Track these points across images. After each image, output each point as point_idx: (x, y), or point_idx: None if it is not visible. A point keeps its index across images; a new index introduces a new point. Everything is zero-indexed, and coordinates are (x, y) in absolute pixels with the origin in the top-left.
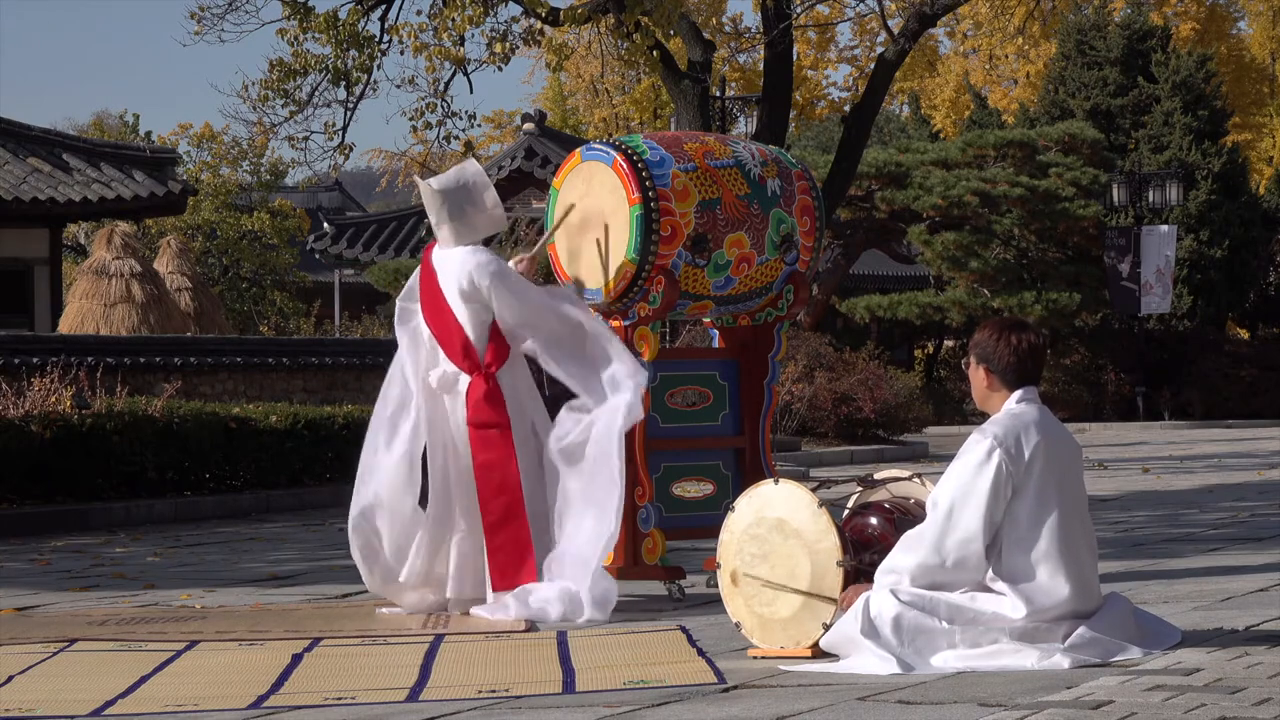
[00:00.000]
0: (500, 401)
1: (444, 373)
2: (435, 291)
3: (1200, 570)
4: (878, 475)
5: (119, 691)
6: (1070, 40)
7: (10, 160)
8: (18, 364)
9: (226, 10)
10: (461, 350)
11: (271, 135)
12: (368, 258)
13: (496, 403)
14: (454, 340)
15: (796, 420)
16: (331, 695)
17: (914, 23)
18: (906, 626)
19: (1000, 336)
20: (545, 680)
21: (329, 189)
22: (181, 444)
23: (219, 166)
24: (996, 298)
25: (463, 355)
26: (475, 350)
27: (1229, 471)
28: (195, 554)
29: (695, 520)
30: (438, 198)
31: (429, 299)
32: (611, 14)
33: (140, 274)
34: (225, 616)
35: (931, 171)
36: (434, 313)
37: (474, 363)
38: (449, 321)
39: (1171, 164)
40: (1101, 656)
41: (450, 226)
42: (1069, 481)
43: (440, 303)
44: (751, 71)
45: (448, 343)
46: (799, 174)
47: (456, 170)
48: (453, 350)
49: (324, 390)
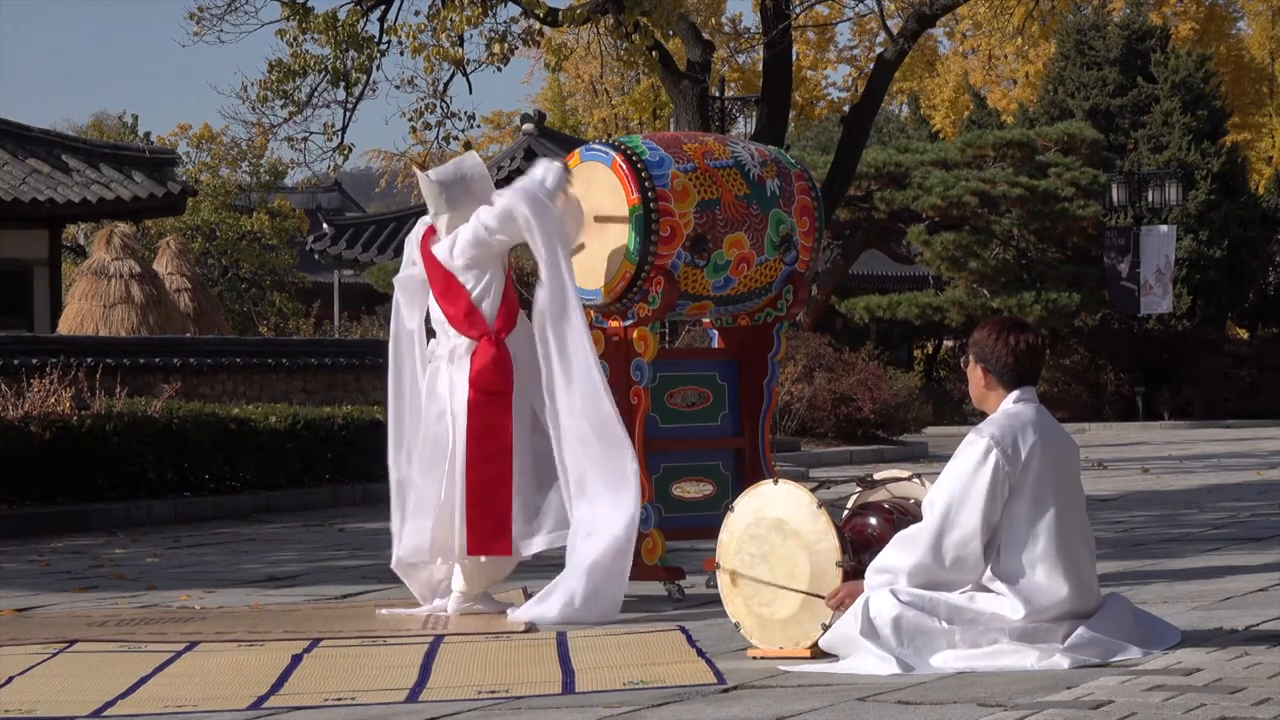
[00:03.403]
0: (508, 368)
1: (453, 345)
2: (442, 273)
3: (1200, 570)
4: (877, 475)
5: (119, 692)
6: (1069, 40)
7: (10, 161)
8: (17, 365)
9: (226, 11)
10: (465, 315)
11: (271, 136)
12: (367, 258)
13: (504, 368)
14: (459, 306)
15: (796, 420)
16: (331, 696)
17: (913, 23)
18: (906, 627)
19: (999, 337)
20: (545, 681)
21: (328, 190)
22: (181, 445)
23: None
24: (996, 298)
25: (467, 321)
26: (481, 315)
27: (1228, 471)
28: (195, 555)
29: (695, 521)
30: (436, 189)
31: (436, 280)
32: (610, 14)
33: (140, 275)
34: (225, 617)
35: (931, 172)
36: (444, 290)
37: (481, 329)
38: (456, 289)
39: (1171, 164)
40: (1101, 656)
41: (449, 217)
42: (1066, 482)
43: (451, 280)
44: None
45: (453, 310)
46: (798, 174)
47: (455, 163)
48: (458, 318)
49: (323, 391)
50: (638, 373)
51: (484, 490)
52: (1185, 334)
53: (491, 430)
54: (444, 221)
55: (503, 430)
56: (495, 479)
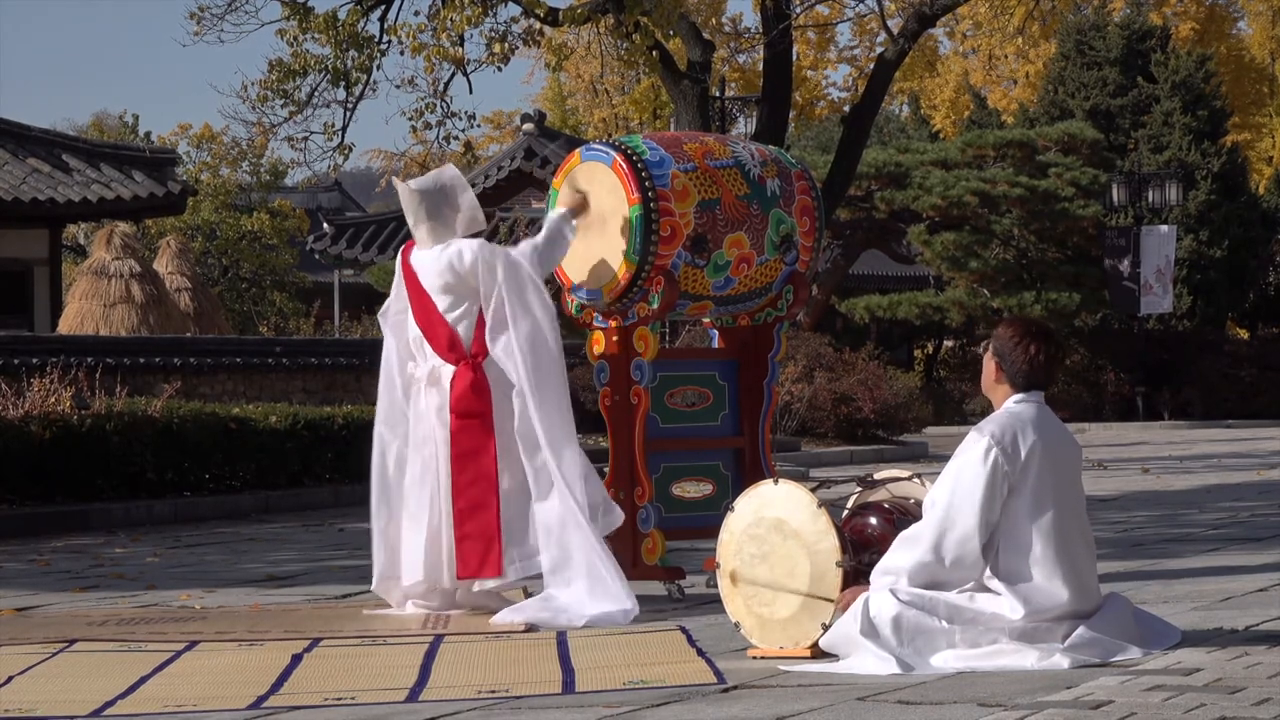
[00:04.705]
0: (485, 391)
1: (431, 367)
2: (419, 290)
3: (1200, 570)
4: (877, 475)
5: (119, 692)
6: (1070, 40)
7: (10, 161)
8: (17, 364)
9: (226, 11)
10: (447, 343)
11: (271, 136)
12: (367, 258)
13: (481, 392)
14: (440, 334)
15: (796, 420)
16: (331, 696)
17: (914, 23)
18: (906, 626)
19: (1020, 341)
20: (545, 680)
21: (328, 189)
22: (181, 444)
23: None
24: (996, 298)
25: (448, 348)
26: (461, 342)
27: (1228, 471)
28: (195, 554)
29: (695, 520)
30: (415, 197)
31: (415, 297)
32: (611, 14)
33: (140, 274)
34: (225, 617)
35: (931, 171)
36: (421, 309)
37: (460, 354)
38: (434, 317)
39: (1171, 164)
40: (1101, 656)
41: (428, 226)
42: (1067, 481)
43: (425, 300)
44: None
45: (434, 337)
46: (798, 174)
47: (435, 173)
48: (439, 344)
49: (323, 390)
50: (638, 373)
51: (470, 515)
52: (1185, 334)
53: (474, 453)
54: (424, 231)
55: (484, 452)
56: (479, 502)
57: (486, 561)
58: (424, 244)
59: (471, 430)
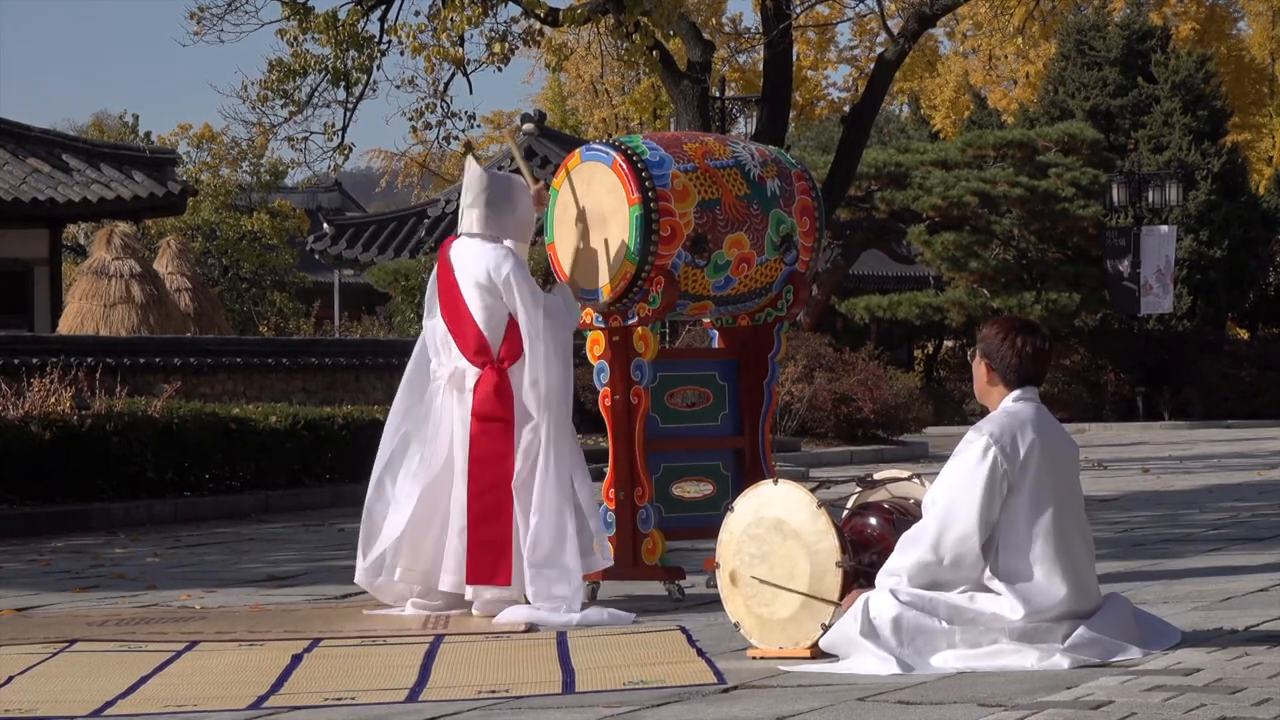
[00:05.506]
0: (509, 396)
1: (455, 368)
2: (451, 284)
3: (1200, 570)
4: (877, 475)
5: (119, 692)
6: (1070, 40)
7: (10, 161)
8: (17, 364)
9: (226, 11)
10: (475, 345)
11: (271, 136)
12: (367, 258)
13: (505, 397)
14: (468, 335)
15: (796, 420)
16: (331, 696)
17: (914, 23)
18: (906, 627)
19: (1006, 337)
20: (545, 680)
21: (329, 189)
22: (181, 444)
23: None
24: (996, 298)
25: (475, 350)
26: (489, 345)
27: (1229, 471)
28: (195, 554)
29: (695, 520)
30: (484, 179)
31: (445, 292)
32: (611, 14)
33: (140, 274)
34: (225, 617)
35: (931, 172)
36: (450, 306)
37: (487, 357)
38: (464, 315)
39: (1171, 164)
40: (1101, 656)
41: (481, 212)
42: (1065, 481)
43: (456, 296)
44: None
45: (461, 337)
46: (799, 174)
47: (511, 178)
48: (466, 344)
49: (323, 390)
50: (638, 373)
51: (484, 521)
52: (1185, 334)
53: (492, 458)
54: (476, 215)
55: (503, 458)
56: (495, 509)
57: (498, 569)
58: (470, 228)
59: (491, 434)
